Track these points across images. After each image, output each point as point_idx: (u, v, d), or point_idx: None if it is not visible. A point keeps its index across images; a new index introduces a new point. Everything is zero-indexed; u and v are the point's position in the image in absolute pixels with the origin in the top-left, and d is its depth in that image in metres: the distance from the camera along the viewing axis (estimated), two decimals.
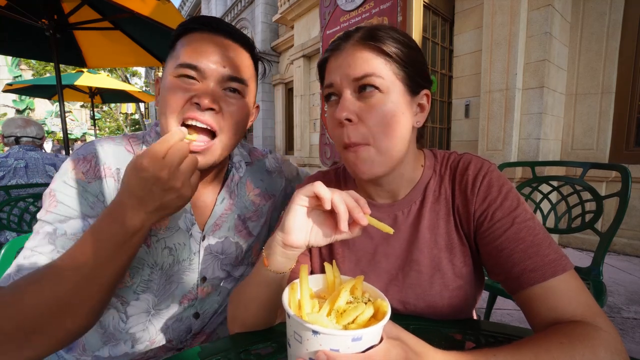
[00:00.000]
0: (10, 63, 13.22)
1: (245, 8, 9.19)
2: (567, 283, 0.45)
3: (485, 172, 0.55)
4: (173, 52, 0.59)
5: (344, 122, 0.52)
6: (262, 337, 0.51)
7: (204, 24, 0.59)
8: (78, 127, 15.59)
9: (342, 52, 0.53)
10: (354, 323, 0.33)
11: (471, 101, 3.54)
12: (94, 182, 0.57)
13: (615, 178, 2.82)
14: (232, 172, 0.72)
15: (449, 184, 0.58)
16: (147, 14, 2.09)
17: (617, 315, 1.86)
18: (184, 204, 0.49)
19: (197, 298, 0.68)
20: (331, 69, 0.55)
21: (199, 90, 0.55)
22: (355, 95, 0.52)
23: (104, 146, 0.60)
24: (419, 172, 0.60)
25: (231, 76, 0.58)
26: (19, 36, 2.65)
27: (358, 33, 0.53)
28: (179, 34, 0.60)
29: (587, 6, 3.06)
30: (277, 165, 0.83)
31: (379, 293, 0.37)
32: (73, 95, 6.06)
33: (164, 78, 0.59)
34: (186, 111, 0.55)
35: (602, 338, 0.39)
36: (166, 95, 0.56)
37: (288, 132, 8.12)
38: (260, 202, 0.77)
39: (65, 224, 0.54)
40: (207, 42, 0.58)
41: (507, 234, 0.49)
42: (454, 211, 0.57)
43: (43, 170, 2.02)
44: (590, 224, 1.23)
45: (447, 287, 0.56)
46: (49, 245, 0.53)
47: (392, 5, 3.42)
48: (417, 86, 0.54)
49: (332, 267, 0.40)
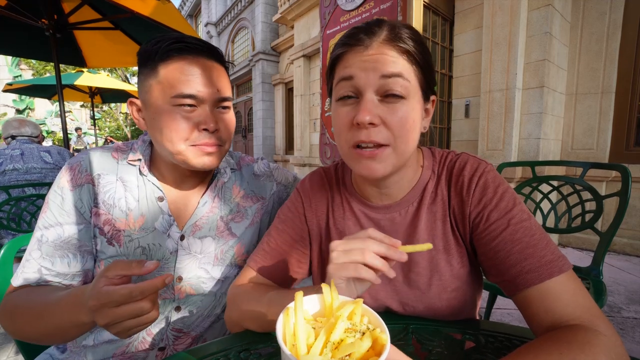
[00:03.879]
0: (10, 63, 13.22)
1: (245, 8, 9.19)
2: (564, 285, 0.44)
3: (481, 173, 0.54)
4: (157, 77, 0.59)
5: (367, 126, 0.48)
6: (262, 337, 0.51)
7: (184, 49, 0.59)
8: (78, 127, 15.58)
9: (366, 48, 0.49)
10: (350, 357, 0.31)
11: (471, 101, 3.54)
12: (74, 190, 0.62)
13: (615, 178, 2.82)
14: (216, 177, 0.74)
15: (446, 185, 0.57)
16: (147, 14, 2.09)
17: (617, 314, 1.86)
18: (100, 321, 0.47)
19: (175, 298, 0.69)
20: (353, 63, 0.50)
21: (201, 116, 0.61)
22: (379, 97, 0.49)
23: (91, 154, 0.66)
24: (418, 173, 0.59)
25: (222, 97, 0.64)
26: (19, 36, 2.65)
27: (383, 30, 0.50)
28: (158, 58, 0.59)
29: (587, 6, 3.06)
30: (266, 170, 0.84)
31: (379, 319, 0.35)
32: (73, 95, 6.07)
33: (154, 104, 0.60)
34: (196, 139, 0.61)
35: (602, 344, 0.38)
36: (167, 123, 0.59)
37: (288, 132, 8.12)
38: (245, 204, 0.78)
39: (48, 231, 0.61)
40: (195, 68, 0.60)
41: (503, 236, 0.49)
42: (450, 213, 0.56)
43: (38, 156, 2.08)
44: (590, 224, 1.23)
45: (445, 288, 0.56)
46: (37, 251, 0.61)
47: (392, 5, 3.42)
48: (430, 92, 0.54)
49: (330, 288, 0.38)
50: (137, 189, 0.66)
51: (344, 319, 0.34)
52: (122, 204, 0.65)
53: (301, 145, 6.64)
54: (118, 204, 0.65)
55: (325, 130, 4.46)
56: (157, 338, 0.68)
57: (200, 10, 13.78)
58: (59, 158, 2.15)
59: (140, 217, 0.65)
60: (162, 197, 0.67)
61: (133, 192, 0.66)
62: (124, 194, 0.65)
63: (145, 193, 0.67)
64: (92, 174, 0.64)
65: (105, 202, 0.64)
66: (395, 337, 0.50)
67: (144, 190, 0.67)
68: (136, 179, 0.67)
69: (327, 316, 0.37)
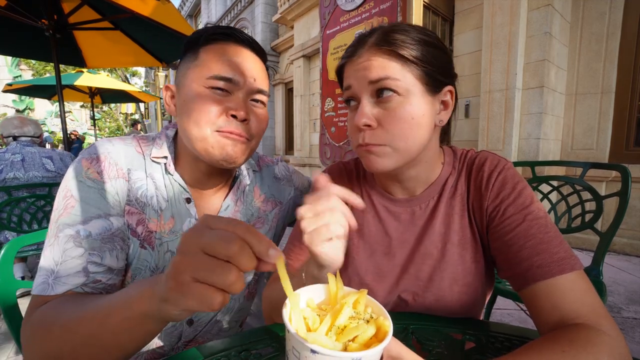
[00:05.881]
0: (10, 63, 13.23)
1: (245, 8, 9.19)
2: (573, 282, 0.45)
3: (500, 169, 0.55)
4: (195, 60, 0.58)
5: (363, 128, 0.52)
6: (262, 337, 0.51)
7: (229, 34, 0.59)
8: (78, 127, 15.60)
9: (357, 57, 0.53)
10: (354, 341, 0.32)
11: (471, 101, 3.54)
12: (109, 182, 0.57)
13: (615, 178, 2.82)
14: (238, 179, 0.72)
15: (465, 181, 0.59)
16: (147, 14, 2.09)
17: (617, 315, 1.86)
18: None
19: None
20: (348, 74, 0.55)
21: (233, 102, 0.57)
22: (373, 100, 0.52)
23: (115, 146, 0.60)
24: (439, 169, 0.61)
25: (259, 89, 0.61)
26: (19, 36, 2.65)
27: (372, 37, 0.53)
28: (202, 42, 0.59)
29: (587, 6, 3.06)
30: (287, 174, 0.82)
31: (382, 309, 0.36)
32: (73, 96, 6.07)
33: (188, 86, 0.58)
34: (223, 124, 0.57)
35: (606, 343, 0.39)
36: (198, 105, 0.56)
37: (288, 132, 8.12)
38: (265, 208, 0.76)
39: (87, 225, 0.53)
40: (237, 55, 0.58)
41: (518, 230, 0.50)
42: (469, 207, 0.58)
43: (40, 163, 2.05)
44: (590, 224, 1.23)
45: (456, 281, 0.57)
46: (78, 248, 0.52)
47: (392, 5, 3.41)
48: (439, 84, 0.54)
49: (336, 278, 0.39)
50: (164, 188, 0.63)
51: (349, 305, 0.35)
52: (154, 203, 0.61)
53: (301, 146, 6.64)
54: (151, 202, 0.61)
55: (325, 130, 4.46)
56: (168, 350, 0.66)
57: (200, 10, 13.79)
58: (61, 165, 2.14)
59: (170, 218, 0.62)
60: (189, 198, 0.64)
61: (162, 191, 0.62)
62: (155, 192, 0.61)
63: (173, 193, 0.63)
64: (123, 168, 0.59)
65: (138, 199, 0.60)
66: (395, 338, 0.49)
67: (171, 191, 0.63)
68: (162, 177, 0.63)
69: (331, 304, 0.38)
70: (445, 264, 0.57)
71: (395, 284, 0.61)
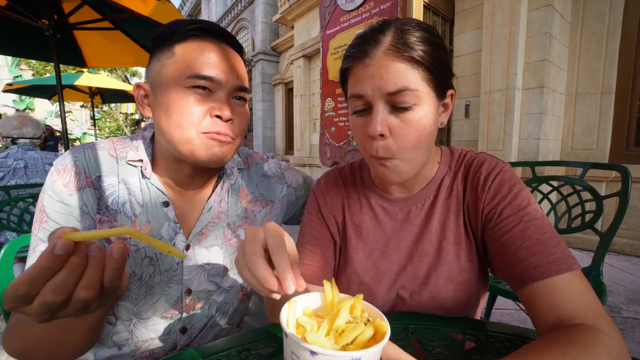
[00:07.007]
0: (10, 63, 13.22)
1: (245, 8, 9.19)
2: (571, 282, 0.45)
3: (498, 171, 0.55)
4: (172, 57, 0.55)
5: (377, 137, 0.50)
6: (262, 337, 0.51)
7: (205, 29, 0.57)
8: (78, 127, 15.57)
9: (371, 60, 0.49)
10: (352, 344, 0.32)
11: (471, 101, 3.54)
12: (75, 194, 0.56)
13: (615, 178, 2.82)
14: (222, 179, 0.69)
15: (462, 181, 0.59)
16: (147, 14, 2.09)
17: (617, 315, 1.86)
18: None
19: (183, 313, 0.64)
20: (360, 78, 0.51)
21: (216, 102, 0.56)
22: (389, 108, 0.50)
23: (85, 153, 0.59)
24: (435, 168, 0.62)
25: (240, 86, 0.59)
26: (19, 36, 2.65)
27: (387, 37, 0.49)
28: (178, 38, 0.56)
29: (587, 6, 3.06)
30: (278, 171, 0.79)
31: (379, 312, 0.36)
32: (73, 95, 6.07)
33: (165, 85, 0.55)
34: (208, 125, 0.55)
35: (605, 344, 0.38)
36: (179, 107, 0.54)
37: (288, 132, 8.12)
38: (253, 209, 0.73)
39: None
40: (215, 51, 0.56)
41: (514, 231, 0.50)
42: (464, 207, 0.58)
43: (42, 170, 2.02)
44: (590, 224, 1.23)
45: (452, 279, 0.57)
46: None
47: (392, 5, 3.41)
48: (445, 88, 0.53)
49: (332, 285, 0.39)
50: (140, 192, 0.60)
51: (346, 309, 0.35)
52: (127, 209, 0.59)
53: (301, 146, 6.64)
54: (123, 209, 0.59)
55: (325, 130, 4.46)
56: (161, 355, 0.65)
57: (200, 10, 13.79)
58: None
59: (146, 224, 0.60)
60: (167, 202, 0.62)
61: (137, 196, 0.60)
62: (128, 198, 0.59)
63: (149, 197, 0.61)
64: (92, 176, 0.57)
65: (109, 207, 0.58)
66: (396, 338, 0.50)
67: (147, 195, 0.61)
68: (138, 181, 0.61)
69: (328, 311, 0.38)
70: (441, 262, 0.58)
71: (393, 283, 0.62)
